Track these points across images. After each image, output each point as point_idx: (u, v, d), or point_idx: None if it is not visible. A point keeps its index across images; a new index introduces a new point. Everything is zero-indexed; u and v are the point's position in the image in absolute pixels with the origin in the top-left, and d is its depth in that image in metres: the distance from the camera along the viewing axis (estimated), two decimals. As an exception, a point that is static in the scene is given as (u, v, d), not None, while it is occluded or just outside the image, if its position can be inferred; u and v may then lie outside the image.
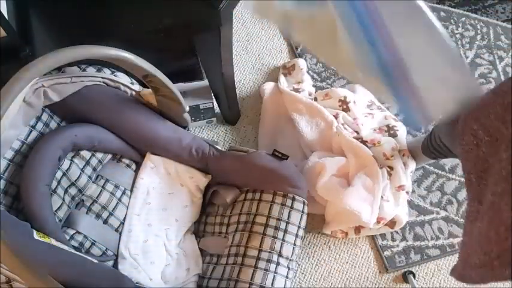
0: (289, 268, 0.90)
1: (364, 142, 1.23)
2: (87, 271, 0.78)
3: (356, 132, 1.26)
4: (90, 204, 0.92)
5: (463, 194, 1.29)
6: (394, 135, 1.26)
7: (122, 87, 0.92)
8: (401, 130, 1.28)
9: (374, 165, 1.16)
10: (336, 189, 1.12)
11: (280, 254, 0.89)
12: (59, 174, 0.86)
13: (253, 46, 1.50)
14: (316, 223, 1.24)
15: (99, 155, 0.95)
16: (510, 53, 1.50)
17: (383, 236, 1.23)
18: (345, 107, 1.30)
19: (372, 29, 0.53)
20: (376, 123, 1.30)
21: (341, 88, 1.36)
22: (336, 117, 1.28)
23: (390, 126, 1.29)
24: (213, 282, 0.91)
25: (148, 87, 0.88)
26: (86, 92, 0.86)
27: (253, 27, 1.53)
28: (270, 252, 0.89)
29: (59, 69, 0.83)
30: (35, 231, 0.75)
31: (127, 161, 1.00)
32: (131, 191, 0.99)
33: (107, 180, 0.96)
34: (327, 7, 0.54)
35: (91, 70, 0.88)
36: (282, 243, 0.90)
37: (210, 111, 1.26)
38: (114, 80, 0.90)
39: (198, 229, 1.05)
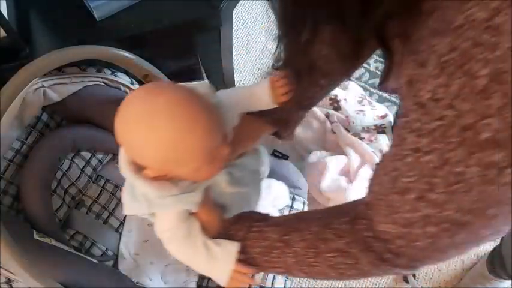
0: (289, 268, 0.90)
1: (361, 139, 1.23)
2: (87, 271, 0.78)
3: (347, 130, 1.27)
4: (90, 204, 0.92)
5: (462, 194, 1.29)
6: (383, 133, 1.27)
7: (122, 87, 0.92)
8: (389, 128, 1.29)
9: (374, 160, 1.16)
10: (340, 187, 1.13)
11: (280, 254, 0.89)
12: (59, 174, 0.86)
13: (253, 46, 1.50)
14: (316, 223, 1.24)
15: (99, 155, 0.95)
16: None
17: (383, 235, 1.23)
18: (335, 105, 1.30)
19: None
20: (367, 123, 1.31)
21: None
22: (327, 116, 1.28)
23: (378, 125, 1.29)
24: (213, 283, 0.91)
25: (148, 87, 0.88)
26: (86, 92, 0.86)
27: (253, 27, 1.53)
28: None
29: (59, 69, 0.83)
30: (34, 231, 0.75)
31: (127, 161, 1.00)
32: (131, 191, 0.99)
33: (107, 180, 0.96)
34: None
35: (91, 70, 0.88)
36: (282, 243, 0.90)
37: (209, 111, 1.25)
38: (114, 80, 0.90)
39: (198, 229, 1.05)
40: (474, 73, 0.27)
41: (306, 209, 0.95)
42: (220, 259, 0.56)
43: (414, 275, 1.18)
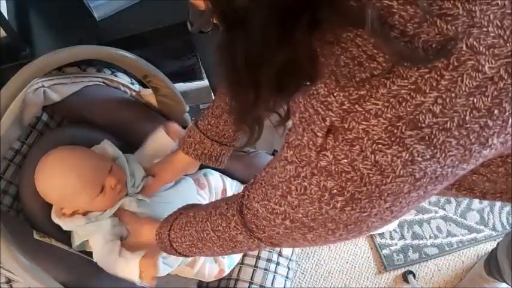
0: (289, 268, 0.90)
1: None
2: (87, 271, 0.78)
3: None
4: (90, 204, 0.92)
5: (462, 194, 1.30)
6: None
7: (122, 88, 0.92)
8: None
9: None
10: None
11: (280, 254, 0.89)
12: (58, 174, 0.86)
13: (252, 46, 1.50)
14: (315, 223, 1.25)
15: (99, 155, 0.95)
16: None
17: (381, 234, 1.23)
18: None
19: None
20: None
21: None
22: None
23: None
24: (214, 282, 0.91)
25: (148, 87, 0.88)
26: (86, 92, 0.86)
27: (252, 27, 1.53)
28: (270, 251, 0.89)
29: (59, 69, 0.83)
30: (35, 231, 0.75)
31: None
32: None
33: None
34: None
35: (91, 70, 0.88)
36: (282, 243, 0.90)
37: (209, 111, 1.25)
38: (114, 80, 0.90)
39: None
40: (316, 133, 0.36)
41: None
42: (130, 259, 0.73)
43: (414, 275, 1.18)
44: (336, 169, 0.36)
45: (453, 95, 0.31)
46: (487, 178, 0.47)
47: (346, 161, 0.35)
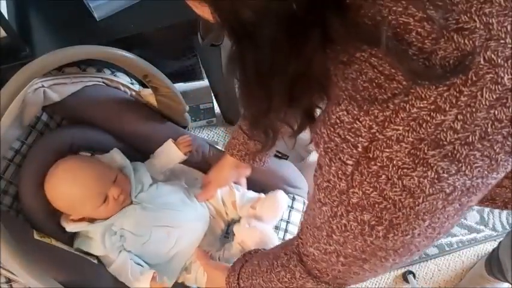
0: (289, 268, 0.90)
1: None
2: (86, 271, 0.78)
3: None
4: (90, 204, 0.92)
5: (462, 194, 1.29)
6: None
7: (122, 88, 0.92)
8: None
9: None
10: None
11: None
12: (58, 174, 0.86)
13: (252, 46, 1.50)
14: (315, 223, 1.24)
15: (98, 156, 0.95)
16: None
17: (382, 235, 1.23)
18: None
19: None
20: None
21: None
22: None
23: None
24: (213, 282, 0.91)
25: (148, 87, 0.88)
26: (85, 92, 0.86)
27: (252, 27, 1.53)
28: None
29: (59, 69, 0.83)
30: (35, 231, 0.75)
31: (127, 161, 1.00)
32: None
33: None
34: None
35: (91, 70, 0.88)
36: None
37: (210, 111, 1.26)
38: (114, 80, 0.90)
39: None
40: (345, 161, 0.36)
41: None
42: (141, 281, 0.79)
43: (414, 275, 1.18)
44: (368, 202, 0.37)
45: (473, 109, 0.31)
46: (510, 190, 0.47)
47: (375, 193, 0.36)
